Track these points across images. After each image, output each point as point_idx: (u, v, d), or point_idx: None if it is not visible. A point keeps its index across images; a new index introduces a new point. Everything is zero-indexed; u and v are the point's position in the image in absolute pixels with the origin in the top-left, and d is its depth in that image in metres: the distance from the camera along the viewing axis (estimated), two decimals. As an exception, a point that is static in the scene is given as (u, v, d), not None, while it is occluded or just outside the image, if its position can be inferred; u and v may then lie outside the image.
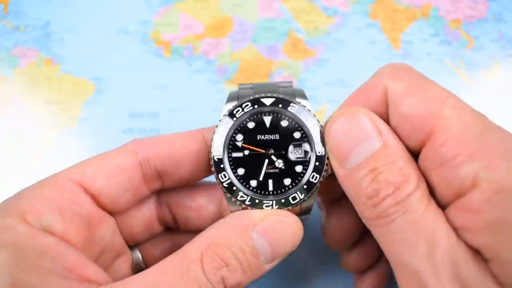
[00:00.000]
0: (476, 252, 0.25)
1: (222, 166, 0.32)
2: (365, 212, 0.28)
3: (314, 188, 0.31)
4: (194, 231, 0.34)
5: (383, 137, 0.28)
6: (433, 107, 0.27)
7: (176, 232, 0.39)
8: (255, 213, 0.30)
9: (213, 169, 0.32)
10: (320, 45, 0.49)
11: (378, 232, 0.28)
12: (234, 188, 0.31)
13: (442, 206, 0.27)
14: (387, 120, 0.30)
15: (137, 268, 0.37)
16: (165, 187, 0.36)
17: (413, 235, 0.26)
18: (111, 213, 0.34)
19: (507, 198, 0.24)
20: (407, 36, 0.49)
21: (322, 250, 0.43)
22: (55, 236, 0.29)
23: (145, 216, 0.36)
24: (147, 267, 0.29)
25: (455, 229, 0.26)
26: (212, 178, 0.34)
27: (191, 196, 0.37)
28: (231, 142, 0.32)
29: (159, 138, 0.34)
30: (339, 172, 0.30)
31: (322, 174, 0.31)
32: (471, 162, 0.25)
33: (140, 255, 0.37)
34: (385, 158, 0.28)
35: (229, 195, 0.31)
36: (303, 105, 0.32)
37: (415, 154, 0.29)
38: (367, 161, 0.28)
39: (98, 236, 0.33)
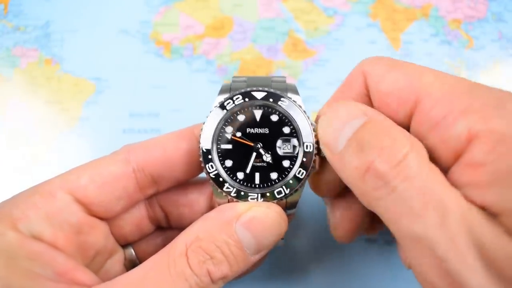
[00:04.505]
0: (484, 210, 0.24)
1: (210, 157, 0.32)
2: (361, 187, 0.26)
3: (300, 184, 0.31)
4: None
5: (368, 114, 0.27)
6: (414, 78, 0.28)
7: (168, 228, 0.39)
8: (239, 205, 0.30)
9: (201, 159, 0.32)
10: (320, 45, 0.49)
11: (381, 209, 0.26)
12: (221, 179, 0.32)
13: (444, 171, 0.26)
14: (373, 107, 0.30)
15: (132, 265, 0.37)
16: (160, 191, 0.36)
17: (421, 204, 0.24)
18: (104, 219, 0.34)
19: (510, 146, 0.23)
20: (407, 36, 0.49)
21: (323, 245, 0.43)
22: (44, 243, 0.30)
23: (135, 218, 0.36)
24: (141, 263, 0.29)
25: (461, 189, 0.24)
26: (202, 175, 0.34)
27: (182, 192, 0.37)
28: (220, 134, 0.32)
29: (151, 142, 0.34)
30: (332, 160, 0.28)
31: (309, 170, 0.31)
32: (464, 117, 0.25)
33: (133, 252, 0.38)
34: (370, 129, 0.27)
35: (215, 186, 0.32)
36: (293, 100, 0.32)
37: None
38: (352, 137, 0.27)
39: (90, 242, 0.33)
